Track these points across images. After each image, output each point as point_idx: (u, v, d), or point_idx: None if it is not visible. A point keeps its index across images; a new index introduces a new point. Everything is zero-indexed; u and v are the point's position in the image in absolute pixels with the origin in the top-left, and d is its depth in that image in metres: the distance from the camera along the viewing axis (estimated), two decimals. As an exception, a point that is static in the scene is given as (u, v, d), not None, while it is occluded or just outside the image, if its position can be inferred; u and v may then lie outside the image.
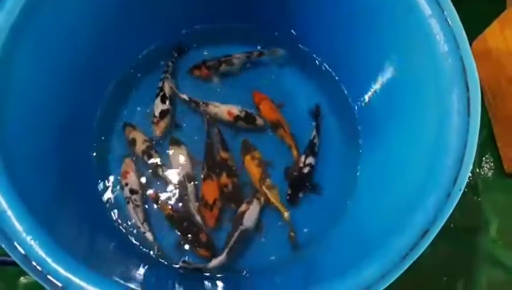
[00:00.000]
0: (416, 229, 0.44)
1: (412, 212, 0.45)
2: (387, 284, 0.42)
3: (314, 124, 0.69)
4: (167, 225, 0.64)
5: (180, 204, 0.65)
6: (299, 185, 0.66)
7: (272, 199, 0.64)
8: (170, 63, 0.72)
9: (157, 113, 0.69)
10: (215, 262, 0.59)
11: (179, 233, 0.63)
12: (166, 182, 0.66)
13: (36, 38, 0.53)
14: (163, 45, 0.73)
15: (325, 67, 0.73)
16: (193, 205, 0.64)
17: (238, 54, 0.71)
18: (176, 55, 0.73)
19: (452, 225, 0.71)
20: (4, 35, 0.49)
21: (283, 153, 0.68)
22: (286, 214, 0.63)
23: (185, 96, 0.70)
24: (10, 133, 0.49)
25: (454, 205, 0.44)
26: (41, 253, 0.42)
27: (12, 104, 0.50)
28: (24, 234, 0.43)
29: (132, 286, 0.43)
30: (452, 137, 0.46)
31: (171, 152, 0.68)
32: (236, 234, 0.60)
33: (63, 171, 0.58)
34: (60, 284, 0.41)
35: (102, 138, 0.69)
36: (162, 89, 0.70)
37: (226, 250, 0.59)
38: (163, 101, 0.69)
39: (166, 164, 0.67)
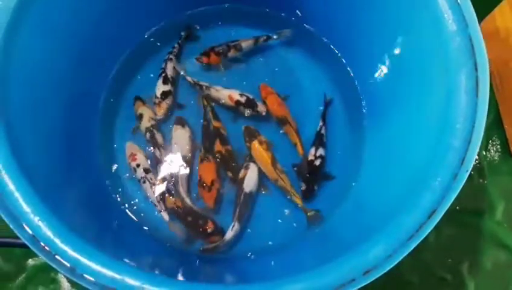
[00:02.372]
0: (423, 209, 0.44)
1: (419, 192, 0.45)
2: (393, 264, 0.42)
3: (321, 114, 0.69)
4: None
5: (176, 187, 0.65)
6: (313, 178, 0.65)
7: (285, 185, 0.63)
8: (176, 45, 0.72)
9: (158, 94, 0.69)
10: (230, 234, 0.60)
11: (186, 227, 0.63)
12: (162, 161, 0.66)
13: (41, 16, 0.52)
14: (167, 26, 0.73)
15: (331, 48, 0.72)
16: (183, 188, 0.64)
17: (245, 38, 0.71)
18: (183, 36, 0.73)
19: (458, 208, 0.71)
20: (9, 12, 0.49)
21: (283, 140, 0.68)
22: (299, 200, 0.63)
23: (189, 79, 0.70)
24: (15, 114, 0.49)
25: (461, 185, 0.44)
26: (49, 234, 0.43)
27: (16, 84, 0.50)
28: (32, 215, 0.43)
29: (140, 265, 0.43)
30: (459, 117, 0.46)
31: (174, 132, 0.68)
32: (241, 200, 0.62)
33: (68, 152, 0.58)
34: (68, 265, 0.42)
35: (108, 118, 0.69)
36: (164, 70, 0.70)
37: (236, 217, 0.61)
38: (165, 82, 0.69)
39: (167, 143, 0.67)
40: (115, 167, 0.67)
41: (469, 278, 0.70)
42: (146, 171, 0.64)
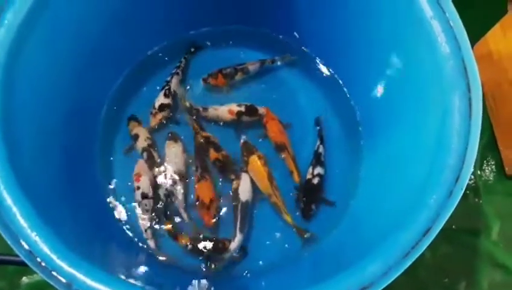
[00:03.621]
0: (419, 226, 0.44)
1: (414, 210, 0.45)
2: (389, 281, 0.43)
3: (317, 134, 0.69)
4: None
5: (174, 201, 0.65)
6: (311, 197, 0.66)
7: (278, 202, 0.64)
8: (183, 59, 0.73)
9: (156, 105, 0.69)
10: (234, 244, 0.61)
11: (204, 258, 0.62)
12: (157, 176, 0.66)
13: (46, 33, 0.54)
14: (169, 45, 0.74)
15: (328, 70, 0.73)
16: (180, 204, 0.64)
17: (252, 62, 0.72)
18: (192, 50, 0.74)
19: (454, 227, 0.71)
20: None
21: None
22: (290, 218, 0.63)
23: (186, 104, 0.70)
24: (16, 129, 0.49)
25: (456, 203, 0.45)
26: (46, 250, 0.43)
27: (19, 100, 0.51)
28: (29, 231, 0.43)
29: (136, 282, 0.43)
30: (453, 137, 0.47)
31: (167, 147, 0.68)
32: (238, 211, 0.62)
33: (67, 167, 0.58)
34: (64, 281, 0.41)
35: (107, 134, 0.69)
36: (168, 83, 0.71)
37: (238, 228, 0.61)
38: (166, 95, 0.70)
39: (161, 158, 0.67)
40: (114, 182, 0.67)
41: (466, 298, 0.70)
42: (143, 196, 0.63)
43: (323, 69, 0.74)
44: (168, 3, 0.68)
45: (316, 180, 0.66)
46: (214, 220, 0.64)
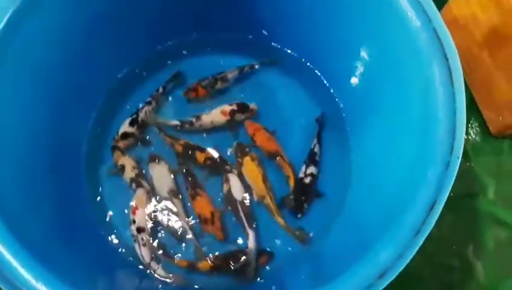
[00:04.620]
0: (423, 203, 0.44)
1: (415, 188, 0.45)
2: (406, 263, 0.43)
3: (315, 133, 0.69)
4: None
5: (175, 222, 0.64)
6: (303, 195, 0.65)
7: (271, 204, 0.63)
8: (161, 88, 0.71)
9: (119, 133, 0.68)
10: (251, 244, 0.61)
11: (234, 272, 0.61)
12: (153, 201, 0.65)
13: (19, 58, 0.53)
14: (144, 60, 0.73)
15: (302, 62, 0.73)
16: (184, 221, 0.63)
17: (230, 70, 0.71)
18: (171, 81, 0.72)
19: (451, 194, 0.71)
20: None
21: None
22: (281, 220, 0.63)
23: (175, 122, 0.69)
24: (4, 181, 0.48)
25: (456, 172, 0.45)
26: (54, 298, 0.41)
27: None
28: (34, 281, 0.42)
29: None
30: (439, 108, 0.47)
31: (151, 169, 0.67)
32: (240, 210, 0.63)
33: (59, 209, 0.57)
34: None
35: (93, 164, 0.68)
36: (137, 111, 0.69)
37: (246, 226, 0.62)
38: (131, 124, 0.68)
39: (150, 183, 0.66)
40: (109, 214, 0.65)
41: (475, 260, 0.71)
42: (139, 230, 0.62)
43: (299, 63, 0.73)
44: (134, 19, 0.66)
45: (308, 180, 0.66)
46: (221, 231, 0.63)
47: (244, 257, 0.61)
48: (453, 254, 0.71)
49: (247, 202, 0.64)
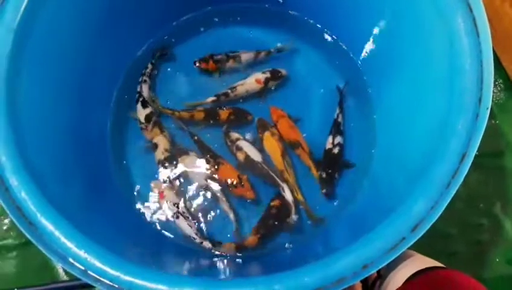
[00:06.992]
0: (454, 154, 0.44)
1: (445, 139, 0.45)
2: (438, 215, 0.43)
3: (338, 102, 0.69)
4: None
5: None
6: (333, 166, 0.65)
7: (290, 179, 0.63)
8: (149, 65, 0.71)
9: (142, 119, 0.68)
10: (287, 195, 0.63)
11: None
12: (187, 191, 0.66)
13: (38, 60, 0.53)
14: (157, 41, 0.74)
15: (318, 27, 0.73)
16: (225, 204, 0.64)
17: (246, 51, 0.71)
18: (158, 55, 0.72)
19: (477, 153, 0.71)
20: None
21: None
22: (301, 197, 0.63)
23: (212, 98, 0.69)
24: (35, 159, 0.49)
25: (485, 123, 0.45)
26: (98, 264, 0.43)
27: (29, 131, 0.50)
28: (76, 249, 0.43)
29: (197, 277, 0.44)
30: (466, 59, 0.47)
31: (181, 162, 0.67)
32: (264, 168, 0.64)
33: (88, 182, 0.59)
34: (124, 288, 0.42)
35: (118, 140, 0.69)
36: (140, 93, 0.69)
37: (278, 180, 0.63)
38: (144, 106, 0.68)
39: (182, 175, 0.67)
40: (137, 188, 0.67)
41: (504, 218, 0.71)
42: (176, 205, 0.63)
43: (315, 29, 0.73)
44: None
45: (336, 150, 0.66)
46: (252, 191, 0.64)
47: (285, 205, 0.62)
48: (481, 213, 0.71)
49: (265, 160, 0.65)
